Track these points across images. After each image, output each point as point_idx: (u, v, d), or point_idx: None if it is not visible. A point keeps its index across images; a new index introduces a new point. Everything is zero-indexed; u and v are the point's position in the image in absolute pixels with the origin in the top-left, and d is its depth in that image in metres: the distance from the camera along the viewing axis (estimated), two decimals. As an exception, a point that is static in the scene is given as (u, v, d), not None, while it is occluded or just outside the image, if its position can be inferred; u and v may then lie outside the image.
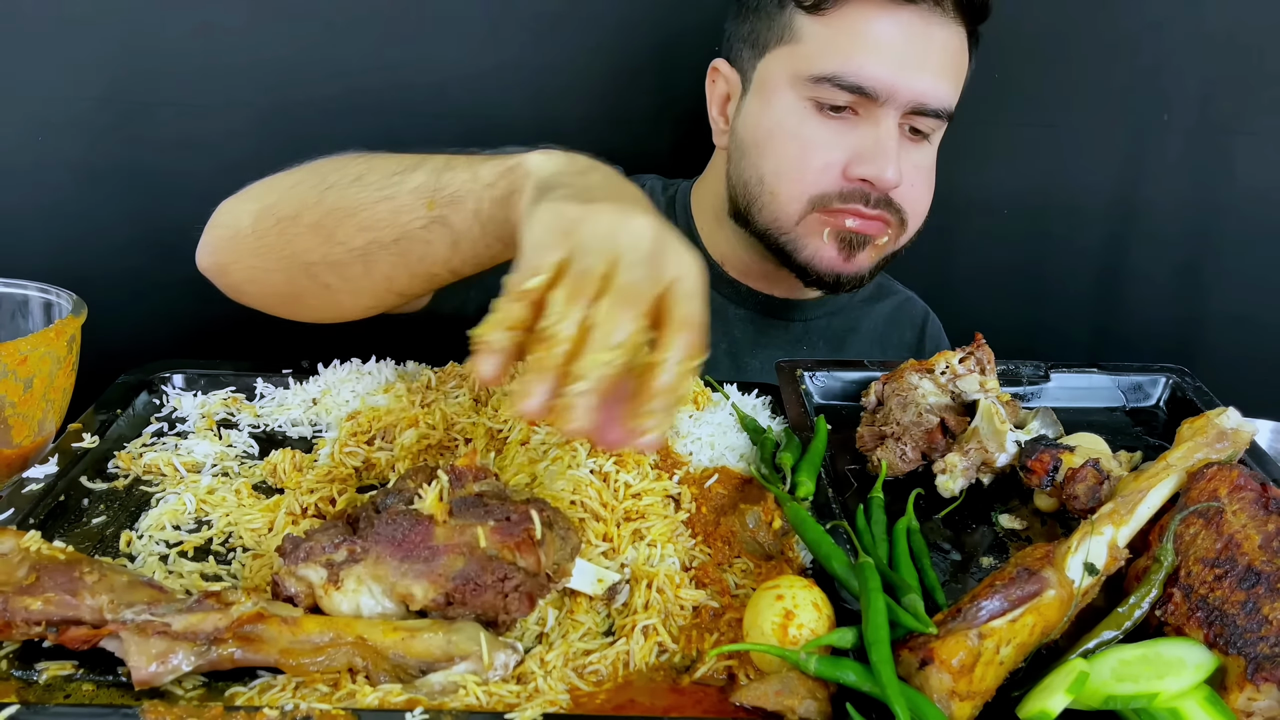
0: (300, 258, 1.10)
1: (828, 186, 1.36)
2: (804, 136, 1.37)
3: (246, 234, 1.14)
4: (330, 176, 1.09)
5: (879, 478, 1.05)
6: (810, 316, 1.60)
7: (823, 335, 1.61)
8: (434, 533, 0.86)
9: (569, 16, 1.76)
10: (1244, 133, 1.80)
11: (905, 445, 1.09)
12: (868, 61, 1.31)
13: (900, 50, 1.31)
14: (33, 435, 1.08)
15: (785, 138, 1.38)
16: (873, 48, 1.31)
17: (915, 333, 1.68)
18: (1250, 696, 0.76)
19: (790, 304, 1.58)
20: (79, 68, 1.72)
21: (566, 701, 0.79)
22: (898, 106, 1.33)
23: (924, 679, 0.76)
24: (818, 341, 1.60)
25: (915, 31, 1.32)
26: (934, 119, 1.36)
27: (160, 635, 0.79)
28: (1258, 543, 0.84)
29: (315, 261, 1.10)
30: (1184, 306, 1.92)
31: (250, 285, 1.18)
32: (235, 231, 1.15)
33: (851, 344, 1.61)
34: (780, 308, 1.58)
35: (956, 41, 1.36)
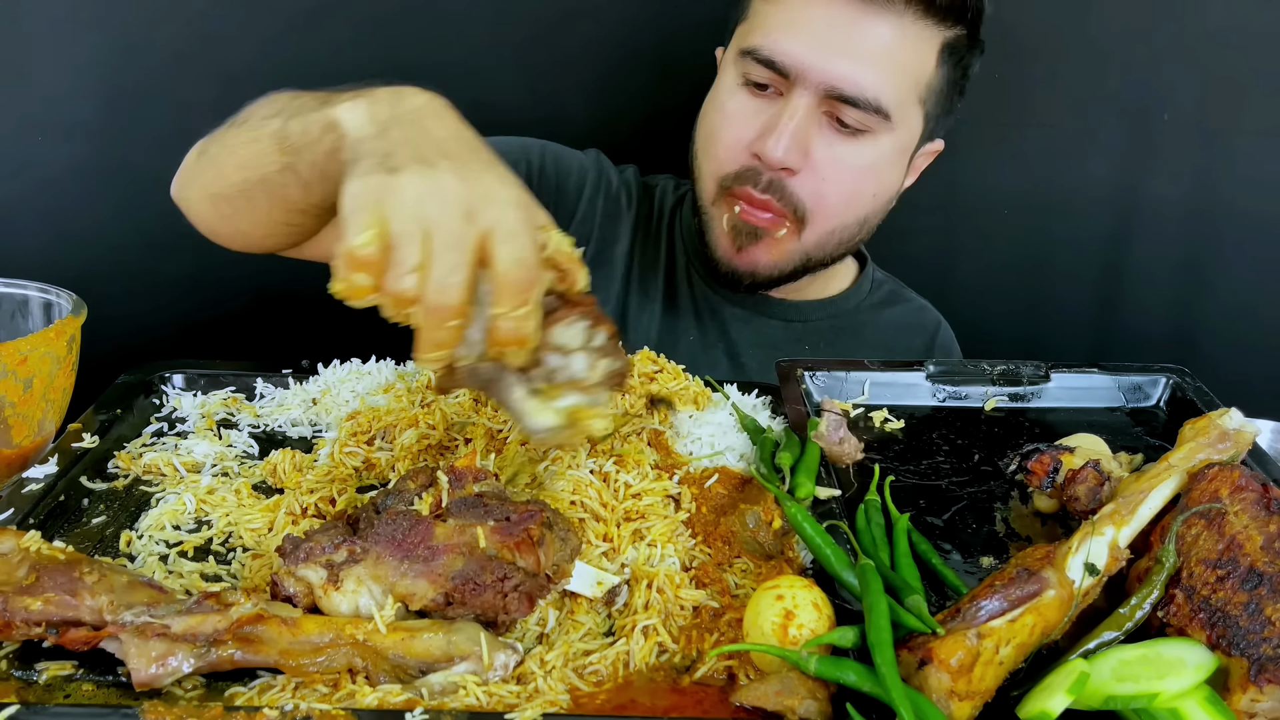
0: (207, 188, 1.19)
1: (732, 164, 1.36)
2: (725, 110, 1.38)
3: (191, 163, 1.22)
4: (245, 116, 1.15)
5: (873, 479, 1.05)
6: (810, 317, 1.60)
7: (823, 337, 1.60)
8: (434, 533, 0.86)
9: (571, 14, 1.76)
10: (1244, 133, 1.80)
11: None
12: (784, 37, 1.31)
13: (822, 32, 1.30)
14: (33, 435, 1.08)
15: (711, 111, 1.40)
16: (795, 26, 1.31)
17: (925, 342, 1.66)
18: (1253, 698, 0.76)
19: (788, 304, 1.58)
20: (79, 68, 1.72)
21: (566, 702, 0.79)
22: (810, 88, 1.31)
23: (923, 679, 0.76)
24: (818, 343, 1.59)
25: (845, 16, 1.30)
26: (861, 112, 1.32)
27: (160, 637, 0.79)
28: (1259, 544, 0.83)
29: (215, 193, 1.18)
30: (1184, 306, 1.92)
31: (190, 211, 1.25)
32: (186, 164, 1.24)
33: (854, 349, 1.60)
34: (778, 307, 1.58)
35: (902, 36, 1.31)
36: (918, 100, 1.37)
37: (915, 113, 1.38)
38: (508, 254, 0.83)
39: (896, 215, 1.84)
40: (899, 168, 1.43)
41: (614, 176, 1.61)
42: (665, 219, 1.60)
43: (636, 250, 1.58)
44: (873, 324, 1.63)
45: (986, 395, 1.26)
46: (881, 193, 1.43)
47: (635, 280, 1.57)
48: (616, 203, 1.59)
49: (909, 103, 1.36)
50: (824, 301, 1.60)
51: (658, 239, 1.60)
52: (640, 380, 1.19)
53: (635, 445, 1.07)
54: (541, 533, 0.87)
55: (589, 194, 1.57)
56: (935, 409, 1.25)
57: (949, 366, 1.27)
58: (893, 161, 1.41)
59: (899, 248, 1.86)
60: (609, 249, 1.57)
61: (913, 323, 1.66)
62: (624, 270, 1.57)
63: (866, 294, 1.64)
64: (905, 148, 1.41)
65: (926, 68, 1.35)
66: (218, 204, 1.19)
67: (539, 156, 1.56)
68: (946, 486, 1.10)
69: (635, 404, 1.16)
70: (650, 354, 1.23)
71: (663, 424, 1.13)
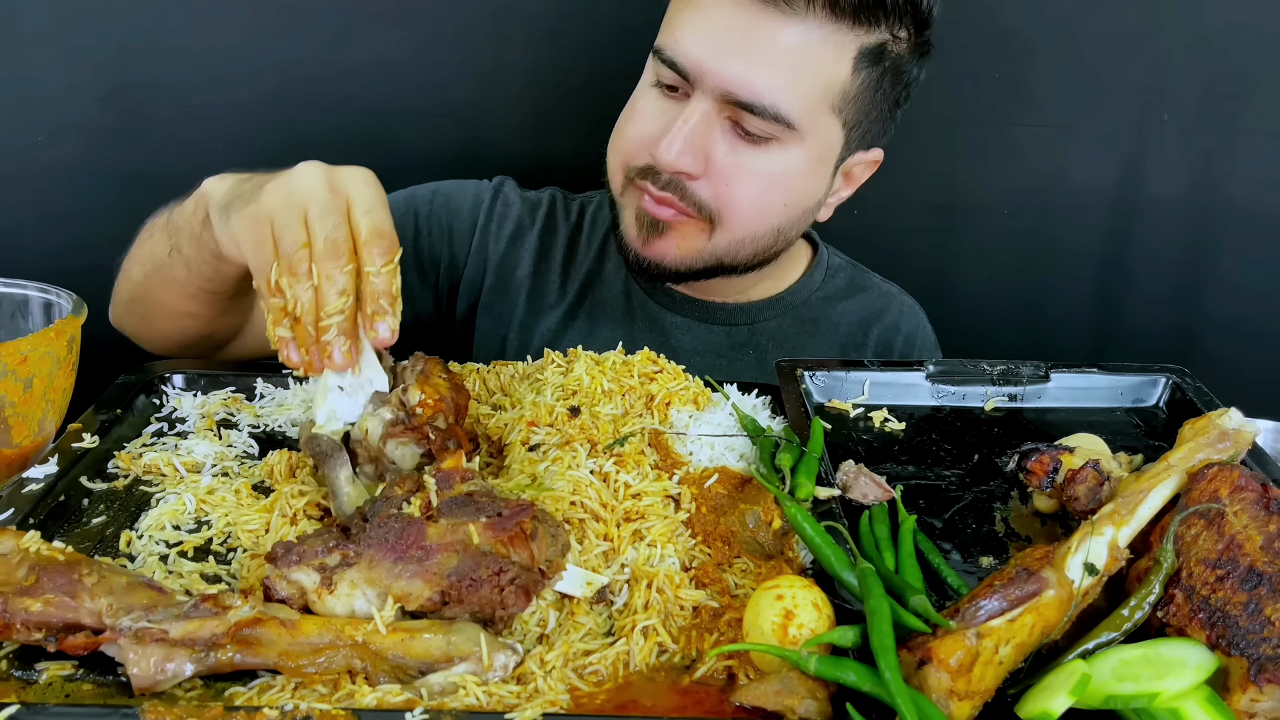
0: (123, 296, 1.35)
1: (635, 159, 1.35)
2: (635, 108, 1.38)
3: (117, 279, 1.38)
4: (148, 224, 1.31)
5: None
6: (756, 319, 1.56)
7: (772, 338, 1.56)
8: (426, 533, 0.86)
9: (569, 17, 1.76)
10: (1244, 133, 1.80)
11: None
12: (685, 38, 1.28)
13: (722, 34, 1.26)
14: (33, 435, 1.08)
15: (626, 108, 1.40)
16: (697, 27, 1.28)
17: (886, 335, 1.60)
18: (1253, 698, 0.76)
19: (731, 308, 1.55)
20: (79, 68, 1.72)
21: (566, 702, 0.79)
22: (708, 90, 1.27)
23: (923, 678, 0.76)
24: (766, 344, 1.55)
25: (747, 19, 1.25)
26: (762, 120, 1.27)
27: (158, 643, 0.79)
28: (1259, 543, 0.83)
29: (127, 299, 1.34)
30: (1184, 306, 1.92)
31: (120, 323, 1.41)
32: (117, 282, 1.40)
33: (807, 346, 1.56)
34: (720, 311, 1.55)
35: (807, 41, 1.26)
36: (830, 108, 1.31)
37: (829, 121, 1.32)
38: (369, 224, 0.97)
39: (897, 215, 1.85)
40: (817, 178, 1.38)
41: (515, 201, 1.58)
42: (598, 230, 1.58)
43: (553, 268, 1.56)
44: (826, 319, 1.58)
45: (986, 395, 1.26)
46: (796, 203, 1.38)
47: (551, 298, 1.55)
48: (518, 225, 1.57)
49: (819, 111, 1.30)
50: (771, 301, 1.56)
51: (584, 252, 1.58)
52: (640, 380, 1.19)
53: (635, 446, 1.07)
54: (534, 526, 0.87)
55: (481, 224, 1.56)
56: (935, 409, 1.25)
57: (949, 366, 1.27)
58: (806, 171, 1.35)
59: (899, 248, 1.86)
60: (509, 273, 1.55)
61: (871, 315, 1.60)
62: (527, 292, 1.55)
63: (819, 284, 1.59)
64: (821, 158, 1.36)
65: (839, 75, 1.29)
66: (133, 308, 1.33)
67: (427, 205, 1.55)
68: (946, 486, 1.10)
69: (635, 404, 1.16)
70: (650, 354, 1.23)
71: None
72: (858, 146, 1.40)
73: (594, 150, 1.66)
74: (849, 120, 1.34)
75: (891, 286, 1.66)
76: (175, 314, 1.29)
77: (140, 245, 1.29)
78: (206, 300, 1.25)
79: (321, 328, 0.95)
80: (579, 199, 1.63)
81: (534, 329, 1.55)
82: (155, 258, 1.24)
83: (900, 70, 1.35)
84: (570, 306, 1.55)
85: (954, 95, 1.75)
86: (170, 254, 1.21)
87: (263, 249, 0.97)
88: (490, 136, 1.80)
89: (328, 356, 0.96)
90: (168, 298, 1.26)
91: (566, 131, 1.80)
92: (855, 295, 1.61)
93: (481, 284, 1.55)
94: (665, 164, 1.29)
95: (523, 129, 1.80)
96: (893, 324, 1.61)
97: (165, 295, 1.26)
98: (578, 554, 0.93)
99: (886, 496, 1.03)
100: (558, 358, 1.24)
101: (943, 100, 1.67)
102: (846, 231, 1.54)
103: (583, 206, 1.61)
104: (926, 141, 1.75)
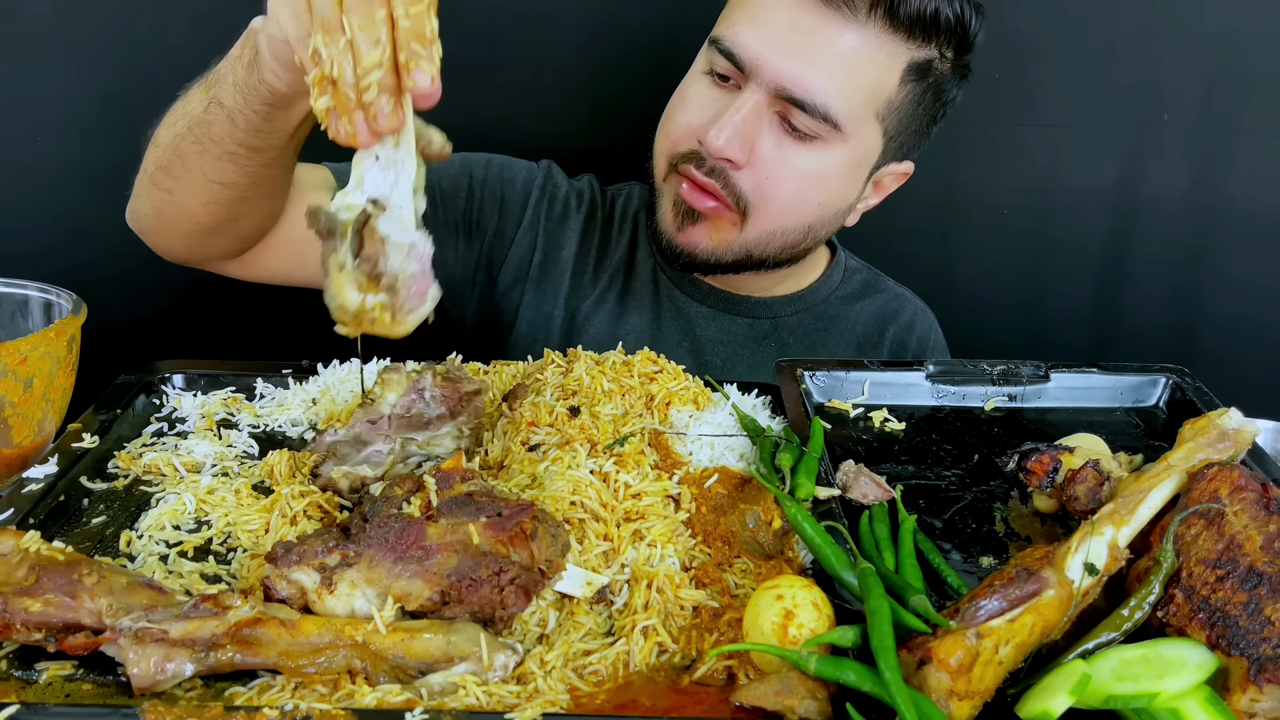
0: (147, 173, 1.27)
1: (680, 145, 1.37)
2: (685, 95, 1.40)
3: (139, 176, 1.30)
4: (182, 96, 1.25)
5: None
6: (779, 314, 1.59)
7: (793, 333, 1.59)
8: (426, 533, 0.86)
9: (570, 15, 1.76)
10: (1244, 133, 1.80)
11: None
12: (745, 30, 1.31)
13: (782, 31, 1.30)
14: (32, 435, 1.08)
15: (675, 95, 1.42)
16: (758, 21, 1.31)
17: (900, 335, 1.64)
18: (1253, 698, 0.76)
19: (755, 301, 1.58)
20: (79, 68, 1.72)
21: (566, 702, 0.79)
22: (762, 84, 1.31)
23: (923, 678, 0.76)
24: (787, 339, 1.59)
25: (808, 19, 1.29)
26: (810, 117, 1.31)
27: (158, 643, 0.79)
28: (1259, 543, 0.83)
29: (153, 170, 1.25)
30: (1184, 306, 1.92)
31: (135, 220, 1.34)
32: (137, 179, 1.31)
33: (825, 343, 1.59)
34: (744, 304, 1.58)
35: (864, 47, 1.30)
36: (875, 115, 1.35)
37: (872, 128, 1.36)
38: None
39: (896, 215, 1.84)
40: (852, 181, 1.42)
41: (562, 184, 1.61)
42: (628, 221, 1.61)
43: (591, 252, 1.59)
44: (844, 317, 1.62)
45: (986, 395, 1.26)
46: (829, 203, 1.41)
47: (588, 280, 1.58)
48: (565, 207, 1.60)
49: (864, 117, 1.34)
50: (793, 296, 1.60)
51: (617, 240, 1.60)
52: (640, 380, 1.19)
53: (635, 446, 1.07)
54: (534, 526, 0.88)
55: (535, 199, 1.58)
56: (935, 409, 1.25)
57: (949, 366, 1.27)
58: (844, 174, 1.39)
59: (899, 248, 1.86)
60: (557, 253, 1.58)
61: (887, 315, 1.64)
62: (572, 272, 1.58)
63: (838, 284, 1.63)
64: (859, 162, 1.40)
65: (888, 84, 1.33)
66: (159, 180, 1.24)
67: (482, 170, 1.57)
68: (946, 486, 1.10)
69: (635, 404, 1.16)
70: (650, 354, 1.23)
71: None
72: (893, 157, 1.43)
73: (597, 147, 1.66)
74: (890, 129, 1.38)
75: (905, 290, 1.69)
76: (206, 183, 1.21)
77: (172, 111, 1.25)
78: (244, 160, 1.19)
79: (362, 88, 0.89)
80: (610, 190, 1.65)
81: (577, 308, 1.57)
82: (190, 114, 1.19)
83: (942, 89, 1.39)
84: (603, 291, 1.58)
85: (954, 95, 1.75)
86: (208, 108, 1.16)
87: (300, 17, 0.93)
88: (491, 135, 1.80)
89: (373, 119, 0.90)
90: (200, 161, 1.20)
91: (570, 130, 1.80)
92: (871, 296, 1.65)
93: (531, 260, 1.57)
94: (714, 150, 1.32)
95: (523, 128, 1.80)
96: (907, 324, 1.64)
97: (198, 158, 1.19)
98: (578, 554, 0.93)
99: (886, 496, 1.03)
100: (557, 358, 1.24)
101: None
102: (847, 231, 1.54)
103: (613, 198, 1.64)
104: (927, 141, 1.75)
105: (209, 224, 1.28)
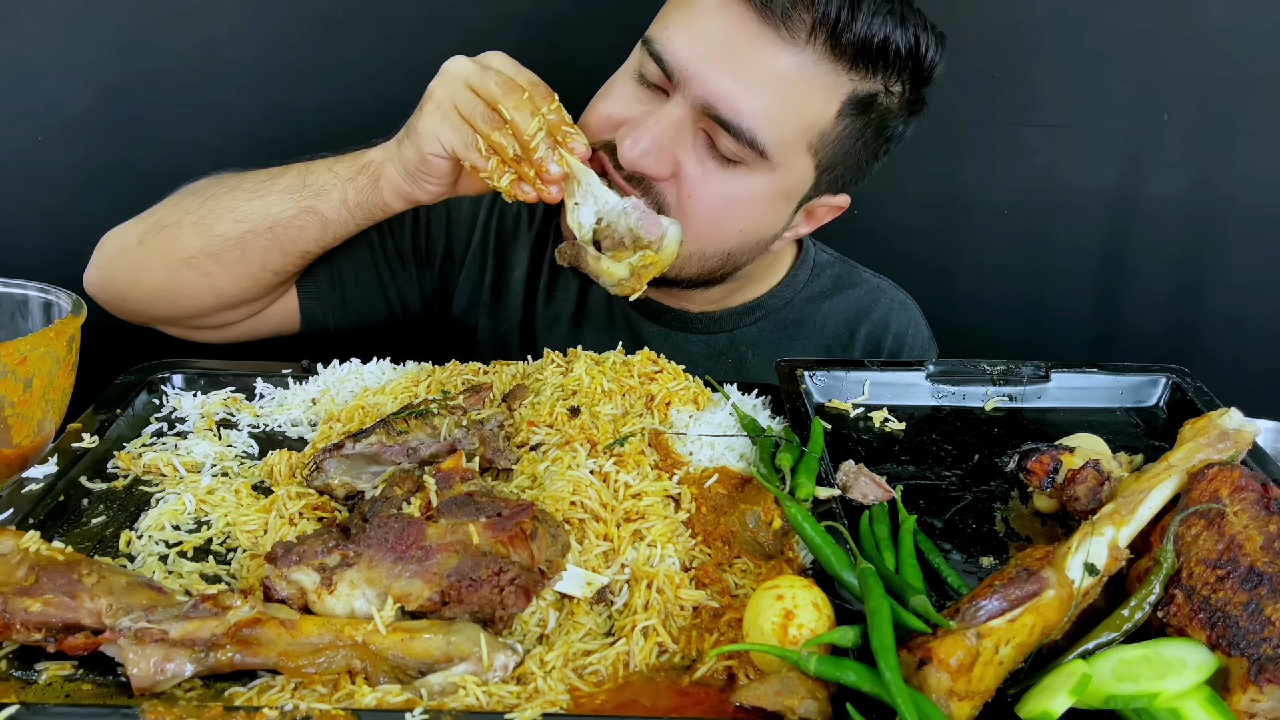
0: (181, 254, 1.32)
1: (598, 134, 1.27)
2: (611, 88, 1.31)
3: (133, 247, 1.36)
4: (208, 190, 1.34)
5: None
6: (736, 326, 1.53)
7: (752, 344, 1.53)
8: (426, 533, 0.86)
9: (569, 17, 1.76)
10: (1244, 133, 1.80)
11: None
12: (677, 36, 1.23)
13: (717, 42, 1.20)
14: (32, 435, 1.08)
15: (601, 89, 1.33)
16: (692, 29, 1.22)
17: (876, 333, 1.56)
18: (1253, 698, 0.76)
19: (710, 317, 1.52)
20: (79, 68, 1.72)
21: (566, 702, 0.79)
22: (689, 97, 1.22)
23: (923, 679, 0.76)
24: (745, 351, 1.52)
25: (745, 34, 1.20)
26: (736, 143, 1.22)
27: (158, 643, 0.79)
28: (1259, 544, 0.83)
29: (194, 255, 1.32)
30: (1184, 306, 1.92)
31: (133, 289, 1.38)
32: (122, 248, 1.37)
33: (789, 352, 1.50)
34: (698, 321, 1.52)
35: (801, 73, 1.21)
36: (807, 147, 1.26)
37: (803, 159, 1.28)
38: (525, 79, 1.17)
39: (897, 214, 1.85)
40: (778, 212, 1.33)
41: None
42: None
43: (543, 271, 1.53)
44: (809, 321, 1.54)
45: (987, 395, 1.26)
46: (751, 232, 1.33)
47: (541, 300, 1.53)
48: (516, 224, 1.54)
49: (795, 146, 1.25)
50: (750, 306, 1.52)
51: None
52: (640, 380, 1.19)
53: (635, 446, 1.07)
54: (534, 526, 0.87)
55: (483, 219, 1.53)
56: (935, 409, 1.25)
57: (949, 366, 1.27)
58: (769, 204, 1.31)
59: (899, 247, 1.86)
60: (508, 273, 1.53)
61: (858, 313, 1.56)
62: (524, 292, 1.53)
63: (803, 284, 1.55)
64: (787, 194, 1.31)
65: (824, 115, 1.24)
66: (198, 266, 1.32)
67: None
68: (946, 486, 1.10)
69: (635, 404, 1.16)
70: (650, 354, 1.23)
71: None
72: (826, 189, 1.35)
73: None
74: (823, 162, 1.30)
75: (882, 281, 1.61)
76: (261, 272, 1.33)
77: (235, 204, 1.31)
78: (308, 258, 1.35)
79: (531, 148, 1.13)
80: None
81: (533, 329, 1.54)
82: (271, 216, 1.29)
83: (885, 124, 1.30)
84: (556, 312, 1.54)
85: (954, 95, 1.75)
86: (299, 215, 1.29)
87: (460, 128, 1.15)
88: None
89: (546, 170, 1.14)
90: (266, 256, 1.31)
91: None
92: (841, 293, 1.57)
93: (482, 282, 1.54)
94: (626, 160, 1.23)
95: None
96: (881, 321, 1.57)
97: (264, 253, 1.31)
98: (578, 554, 0.93)
99: (886, 496, 1.03)
100: (557, 358, 1.24)
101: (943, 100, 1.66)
102: (847, 230, 1.53)
103: None
104: (927, 141, 1.74)
105: (236, 302, 1.37)
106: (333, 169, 1.30)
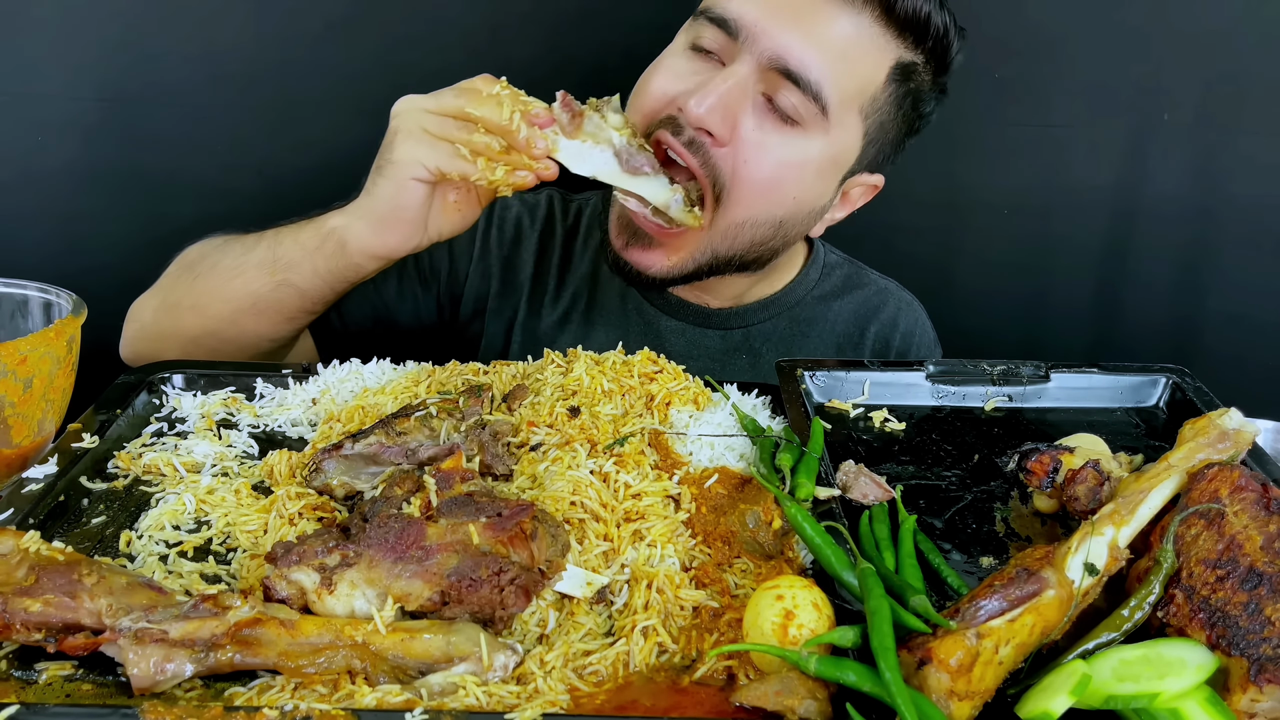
0: (187, 334, 1.36)
1: (655, 113, 1.31)
2: (661, 66, 1.35)
3: (149, 325, 1.41)
4: (196, 267, 1.37)
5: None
6: (752, 322, 1.56)
7: (767, 340, 1.55)
8: (426, 533, 0.86)
9: (571, 16, 1.76)
10: (1244, 133, 1.81)
11: None
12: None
13: (779, 2, 1.27)
14: (32, 435, 1.08)
15: (650, 68, 1.36)
16: None
17: (885, 331, 1.60)
18: (1253, 698, 0.76)
19: (728, 313, 1.54)
20: (79, 68, 1.72)
21: (566, 702, 0.79)
22: (754, 54, 1.27)
23: (923, 679, 0.76)
24: (760, 348, 1.55)
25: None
26: (801, 95, 1.27)
27: (158, 643, 0.79)
28: (1259, 544, 0.83)
29: (198, 334, 1.36)
30: (1183, 306, 1.92)
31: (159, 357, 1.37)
32: (141, 326, 1.42)
33: (802, 348, 1.55)
34: (716, 317, 1.54)
35: (859, 35, 1.29)
36: (859, 110, 1.33)
37: (854, 123, 1.34)
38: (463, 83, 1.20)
39: (898, 214, 1.85)
40: (826, 180, 1.38)
41: (513, 204, 1.57)
42: (595, 230, 1.57)
43: (550, 270, 1.56)
44: (821, 318, 1.58)
45: (987, 395, 1.26)
46: (803, 198, 1.37)
47: (549, 300, 1.55)
48: (518, 229, 1.56)
49: (850, 108, 1.32)
50: (765, 302, 1.56)
51: (581, 254, 1.57)
52: (640, 380, 1.19)
53: (635, 446, 1.07)
54: (534, 526, 0.87)
55: (482, 229, 1.55)
56: (935, 409, 1.25)
57: (949, 366, 1.27)
58: (820, 169, 1.35)
59: (899, 248, 1.86)
60: (513, 277, 1.55)
61: (868, 312, 1.60)
62: (529, 294, 1.54)
63: (815, 283, 1.59)
64: (836, 160, 1.36)
65: (875, 78, 1.32)
66: (200, 344, 1.36)
67: None
68: (946, 486, 1.10)
69: (635, 404, 1.16)
70: (650, 354, 1.23)
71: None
72: (866, 165, 1.41)
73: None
74: (869, 131, 1.36)
75: (889, 282, 1.65)
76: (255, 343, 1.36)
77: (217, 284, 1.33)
78: (302, 320, 1.36)
79: (513, 131, 1.15)
80: (577, 200, 1.62)
81: (535, 330, 1.55)
82: (251, 294, 1.31)
83: (920, 99, 1.38)
84: (567, 309, 1.55)
85: (955, 95, 1.75)
86: (277, 289, 1.30)
87: (437, 146, 1.18)
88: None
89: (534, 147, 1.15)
90: (258, 326, 1.34)
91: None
92: (851, 293, 1.61)
93: (488, 291, 1.55)
94: (693, 118, 1.27)
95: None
96: (890, 321, 1.61)
97: (256, 324, 1.34)
98: (578, 554, 0.93)
99: (886, 496, 1.03)
100: (557, 358, 1.24)
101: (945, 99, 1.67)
102: (848, 230, 1.54)
103: (580, 208, 1.60)
104: (927, 141, 1.75)
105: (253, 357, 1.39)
106: (298, 240, 1.30)
